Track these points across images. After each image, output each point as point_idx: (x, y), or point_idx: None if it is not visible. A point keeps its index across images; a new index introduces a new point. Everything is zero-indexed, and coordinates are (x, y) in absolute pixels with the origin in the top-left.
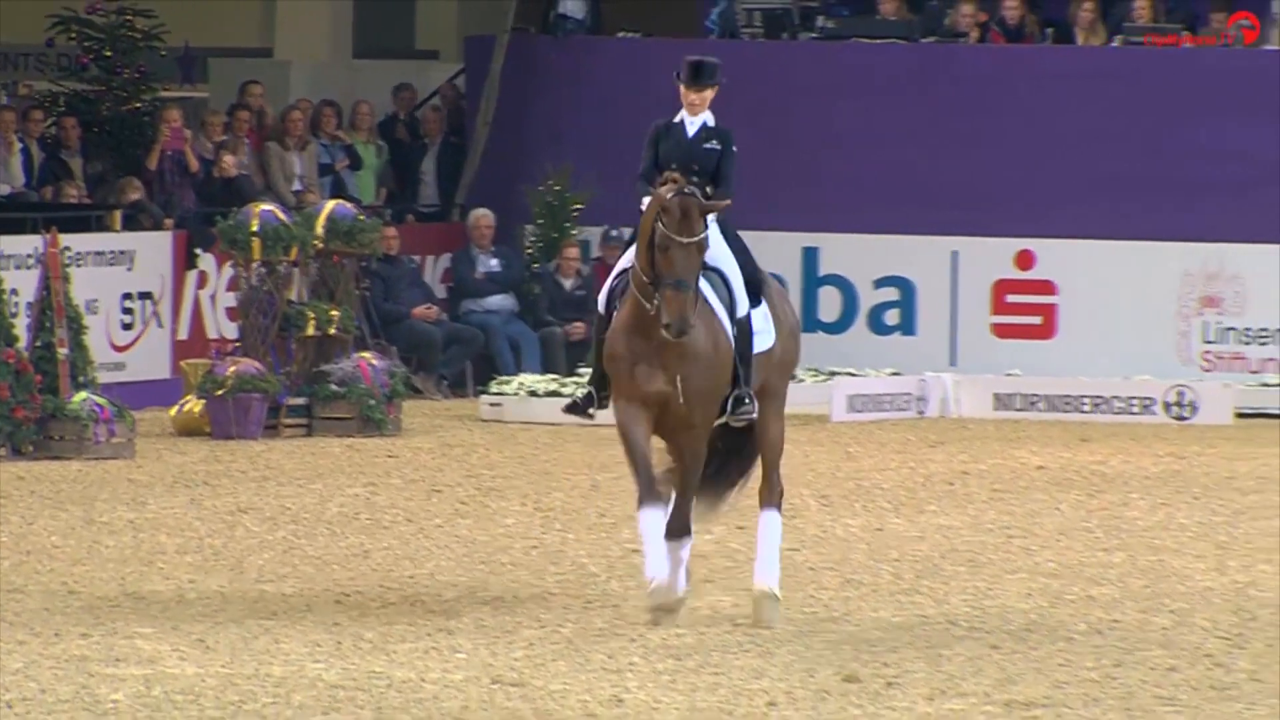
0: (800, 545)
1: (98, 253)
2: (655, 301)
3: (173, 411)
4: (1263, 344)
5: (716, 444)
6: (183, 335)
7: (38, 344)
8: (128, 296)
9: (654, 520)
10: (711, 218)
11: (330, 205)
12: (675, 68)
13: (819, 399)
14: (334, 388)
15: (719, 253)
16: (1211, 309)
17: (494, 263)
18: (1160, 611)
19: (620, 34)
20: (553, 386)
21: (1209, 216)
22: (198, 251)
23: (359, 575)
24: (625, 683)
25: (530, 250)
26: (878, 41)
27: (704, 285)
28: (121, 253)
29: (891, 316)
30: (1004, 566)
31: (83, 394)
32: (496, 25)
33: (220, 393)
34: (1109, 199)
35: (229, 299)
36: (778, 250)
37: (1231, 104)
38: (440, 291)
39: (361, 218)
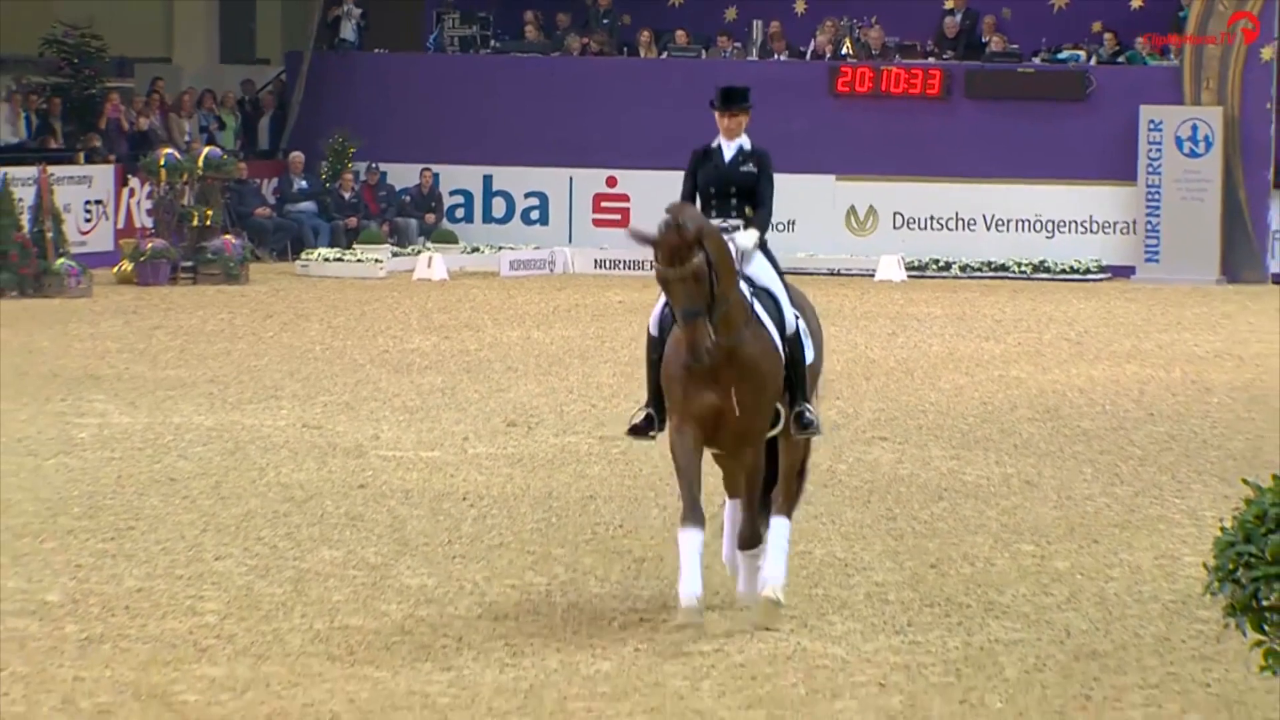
0: (481, 349)
1: (69, 177)
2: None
3: (114, 270)
4: None
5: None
6: (120, 225)
7: (34, 230)
8: (88, 203)
9: (692, 541)
10: (748, 241)
11: (206, 149)
12: (710, 97)
13: (492, 264)
14: (210, 256)
15: (765, 272)
16: None
17: (303, 183)
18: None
19: (376, 50)
20: (337, 254)
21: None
22: (129, 176)
23: (222, 362)
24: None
25: (324, 175)
26: (526, 55)
27: (754, 302)
28: (84, 177)
29: (534, 215)
30: (601, 357)
31: (61, 259)
32: (304, 44)
33: (143, 259)
34: (649, 148)
35: (147, 204)
36: (470, 176)
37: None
38: (271, 200)
39: (225, 157)
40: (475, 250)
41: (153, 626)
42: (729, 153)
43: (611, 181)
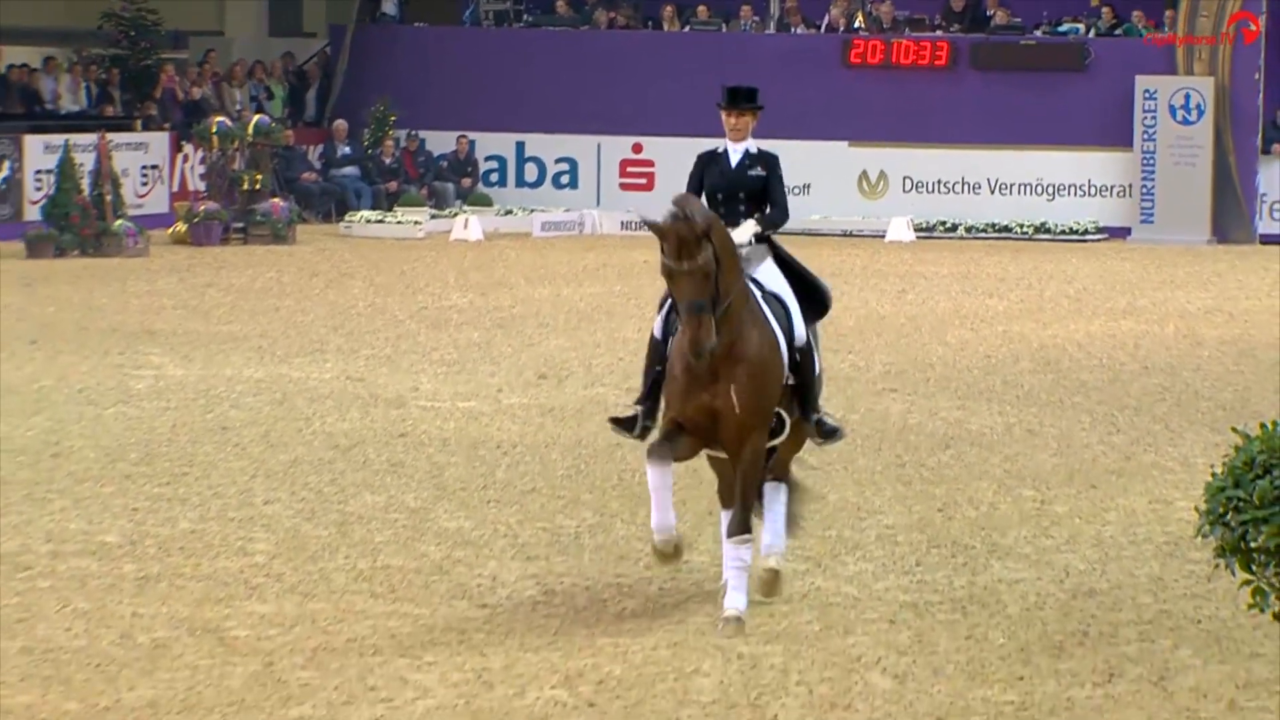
0: (514, 306)
1: (127, 144)
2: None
3: (169, 231)
4: None
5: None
6: (175, 189)
7: (94, 193)
8: (144, 168)
9: (661, 475)
10: (743, 233)
11: (256, 117)
12: (716, 99)
13: (525, 225)
14: (259, 218)
15: (775, 279)
16: None
17: (347, 149)
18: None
19: (415, 24)
20: (378, 216)
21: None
22: (183, 143)
23: (270, 318)
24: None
25: (366, 142)
26: (556, 29)
27: (761, 303)
28: (141, 144)
29: (564, 179)
30: (627, 313)
31: (120, 221)
32: (348, 18)
33: (196, 220)
34: (673, 116)
35: (200, 169)
36: (504, 142)
37: (726, 65)
38: (317, 165)
39: (273, 124)
40: (509, 212)
41: (206, 566)
42: (735, 156)
43: (637, 148)
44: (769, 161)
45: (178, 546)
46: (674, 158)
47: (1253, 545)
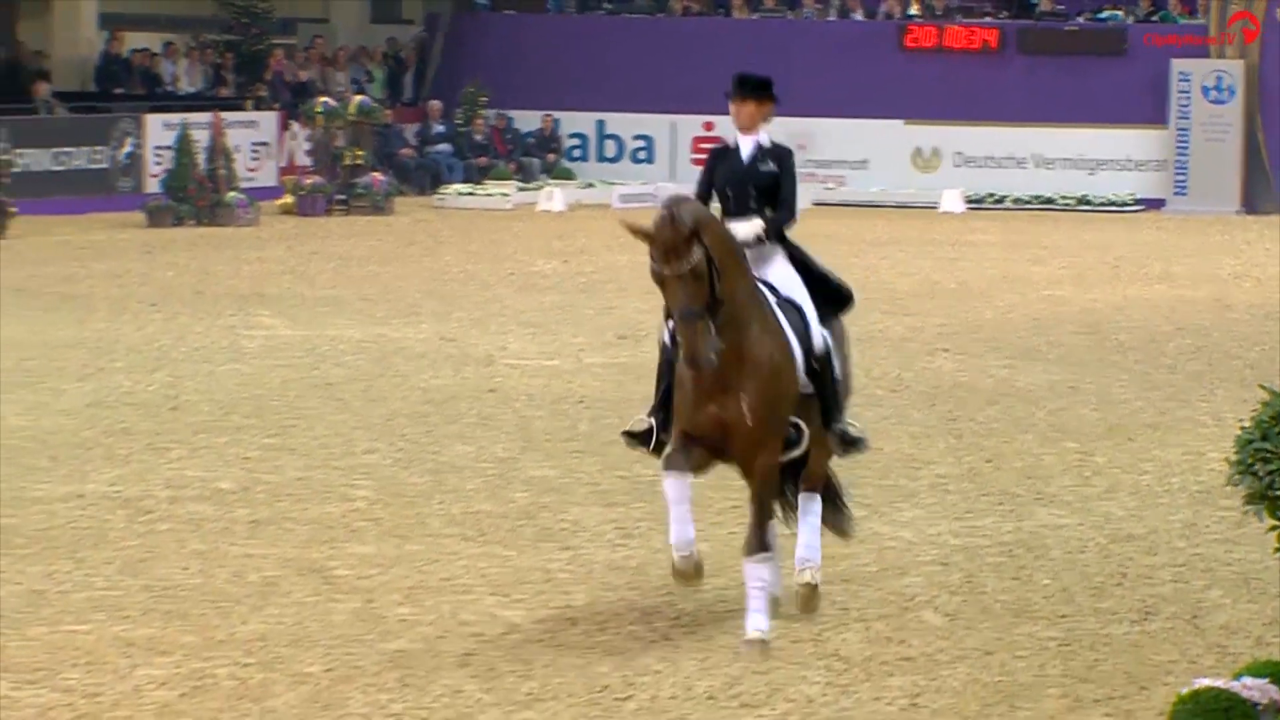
0: (595, 272)
1: (239, 122)
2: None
3: (278, 202)
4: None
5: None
6: (283, 164)
7: (209, 168)
8: (255, 144)
9: (679, 486)
10: (747, 231)
11: (358, 98)
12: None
13: (605, 197)
14: (360, 190)
15: (789, 282)
16: (801, 150)
17: (441, 128)
18: None
19: (505, 11)
20: (470, 189)
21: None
22: (291, 121)
23: (370, 283)
24: None
25: (459, 121)
26: (634, 15)
27: (774, 308)
28: (252, 122)
29: (641, 155)
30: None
31: (232, 194)
32: (443, 7)
33: (302, 193)
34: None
35: (306, 146)
36: (586, 121)
37: (789, 47)
38: (413, 142)
39: (374, 105)
40: (590, 185)
41: (312, 510)
42: (746, 150)
43: (709, 126)
44: (782, 156)
45: (286, 492)
46: None
47: (1279, 493)
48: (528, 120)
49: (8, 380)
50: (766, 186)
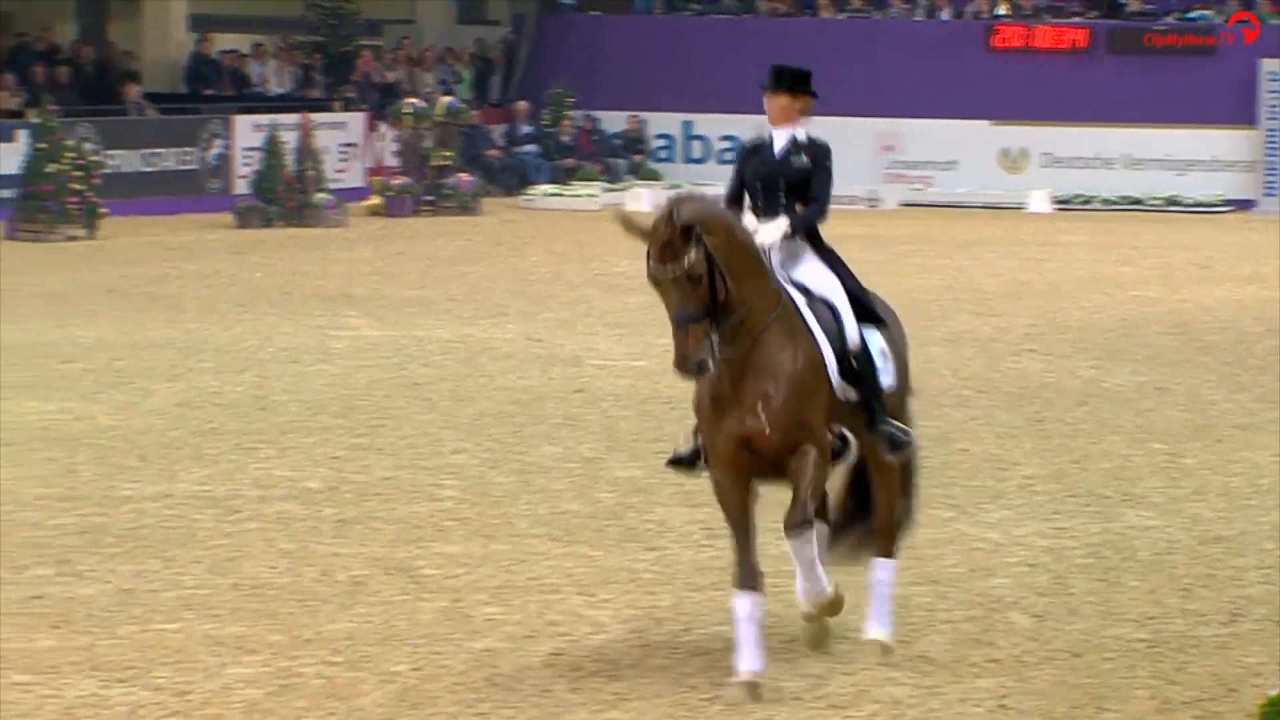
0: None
1: (327, 123)
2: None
3: (366, 203)
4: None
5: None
6: (370, 165)
7: (297, 169)
8: (343, 145)
9: (747, 607)
10: (770, 234)
11: (445, 99)
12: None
13: None
14: (447, 191)
15: (822, 280)
16: (889, 152)
17: (528, 128)
18: None
19: (591, 12)
20: (556, 190)
21: (882, 104)
22: (378, 123)
23: (457, 283)
24: None
25: (546, 122)
26: (721, 16)
27: (804, 310)
28: (340, 123)
29: (728, 155)
30: None
31: (320, 194)
32: (529, 8)
33: (390, 194)
34: (826, 96)
35: (394, 147)
36: (672, 122)
37: (886, 46)
38: (500, 143)
39: (461, 105)
40: (677, 186)
41: (399, 510)
42: (779, 144)
43: None
44: (817, 151)
45: (373, 492)
46: (830, 136)
47: None
48: (614, 121)
49: (99, 380)
50: (798, 182)
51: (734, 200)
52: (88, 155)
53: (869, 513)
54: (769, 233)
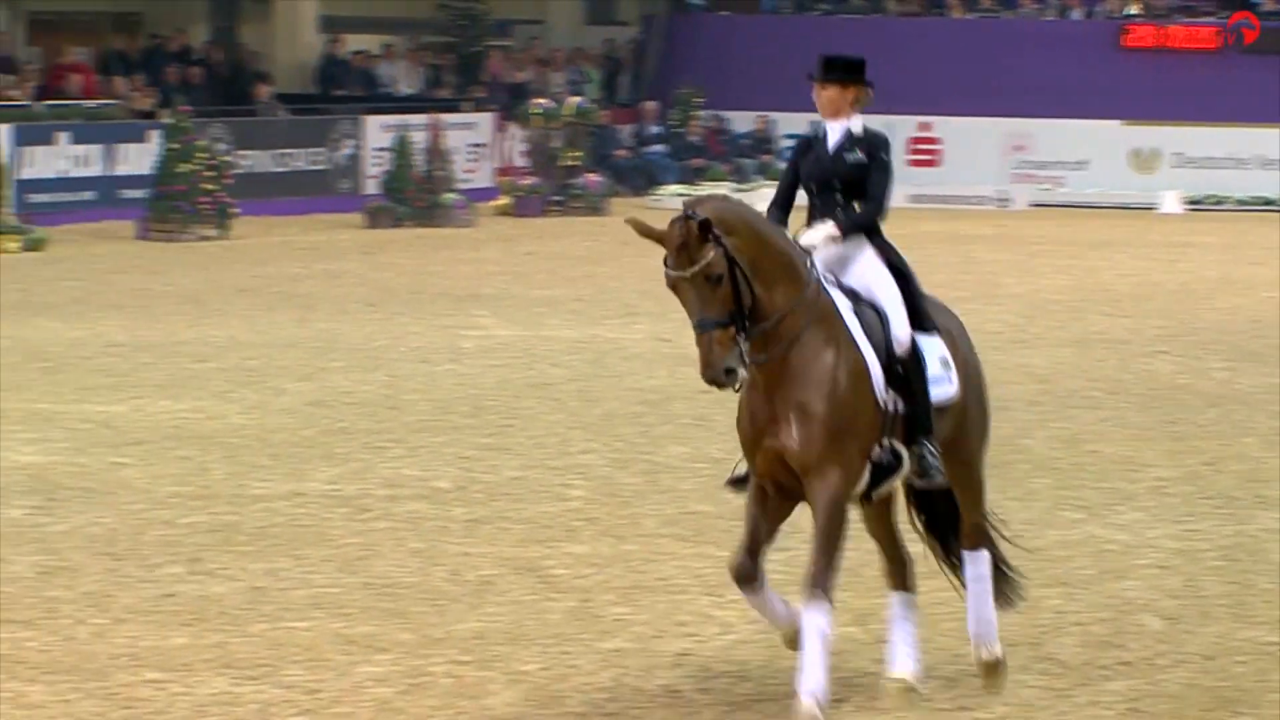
0: None
1: (456, 124)
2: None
3: (494, 203)
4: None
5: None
6: (499, 165)
7: (427, 169)
8: (471, 145)
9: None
10: (814, 236)
11: (574, 99)
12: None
13: None
14: (576, 191)
15: (873, 283)
16: (1019, 152)
17: (656, 128)
18: None
19: (720, 12)
20: (685, 190)
21: (1012, 104)
22: (507, 123)
23: (586, 283)
24: None
25: (674, 122)
26: (849, 16)
27: (849, 316)
28: (469, 123)
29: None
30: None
31: (449, 194)
32: (658, 8)
33: (518, 194)
34: (957, 96)
35: (523, 147)
36: (801, 121)
37: (1005, 47)
38: (629, 143)
39: (590, 106)
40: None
41: (528, 509)
42: (833, 139)
43: (924, 126)
44: (873, 145)
45: (502, 492)
46: (960, 136)
47: None
48: (742, 121)
49: (231, 379)
50: (853, 179)
51: (784, 201)
52: (220, 156)
53: (945, 523)
54: (813, 235)
